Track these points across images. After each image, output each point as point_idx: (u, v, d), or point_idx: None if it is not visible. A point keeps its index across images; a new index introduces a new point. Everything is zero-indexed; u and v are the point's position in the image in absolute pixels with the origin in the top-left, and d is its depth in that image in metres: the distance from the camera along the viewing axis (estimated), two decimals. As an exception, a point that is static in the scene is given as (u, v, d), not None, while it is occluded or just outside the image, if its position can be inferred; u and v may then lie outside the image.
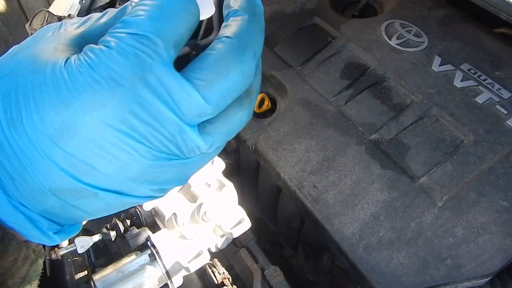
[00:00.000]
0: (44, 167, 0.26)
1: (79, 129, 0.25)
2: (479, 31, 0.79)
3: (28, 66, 0.26)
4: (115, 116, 0.25)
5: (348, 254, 0.61)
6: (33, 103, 0.25)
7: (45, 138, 0.25)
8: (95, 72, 0.24)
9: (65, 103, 0.25)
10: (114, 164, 0.26)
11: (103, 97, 0.24)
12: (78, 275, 0.74)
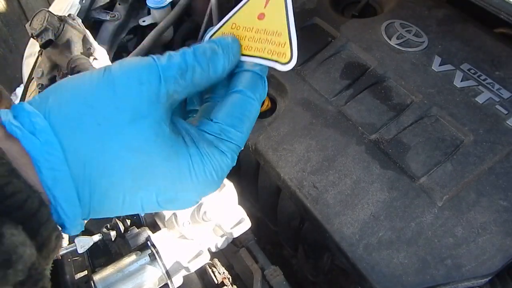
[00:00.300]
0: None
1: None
2: (479, 31, 0.79)
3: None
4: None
5: (348, 254, 0.61)
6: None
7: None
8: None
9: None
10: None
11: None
12: (78, 275, 0.74)
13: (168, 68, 0.30)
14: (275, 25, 0.35)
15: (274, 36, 0.35)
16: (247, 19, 0.36)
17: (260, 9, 0.36)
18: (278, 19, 0.35)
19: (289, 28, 0.34)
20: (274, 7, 0.35)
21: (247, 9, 0.36)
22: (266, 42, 0.35)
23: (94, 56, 1.09)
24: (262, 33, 0.35)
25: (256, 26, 0.35)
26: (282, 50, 0.34)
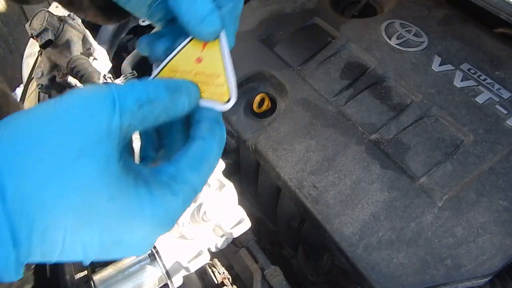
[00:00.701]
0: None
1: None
2: (479, 31, 0.79)
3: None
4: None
5: (348, 254, 0.61)
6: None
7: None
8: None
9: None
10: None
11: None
12: (78, 275, 0.74)
13: (126, 99, 0.29)
14: (213, 67, 0.36)
15: (213, 78, 0.36)
16: (185, 63, 0.37)
17: (198, 53, 0.37)
18: (215, 61, 0.37)
19: (227, 70, 0.36)
20: (211, 51, 0.37)
21: (184, 53, 0.37)
22: (206, 84, 0.36)
23: (94, 56, 1.09)
24: (201, 75, 0.36)
25: (195, 70, 0.37)
26: (221, 91, 0.36)
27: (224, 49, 0.37)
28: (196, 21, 0.35)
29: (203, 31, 0.36)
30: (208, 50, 0.37)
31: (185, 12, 0.35)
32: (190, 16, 0.35)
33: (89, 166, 0.27)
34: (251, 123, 0.78)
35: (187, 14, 0.35)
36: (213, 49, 0.37)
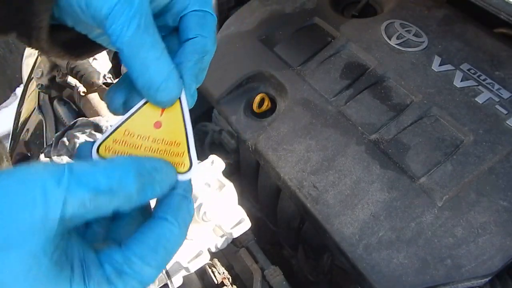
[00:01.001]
0: None
1: None
2: (479, 31, 0.79)
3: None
4: None
5: (348, 254, 0.61)
6: None
7: None
8: None
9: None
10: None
11: None
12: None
13: (79, 187, 0.24)
14: (173, 134, 0.33)
15: (172, 146, 0.33)
16: (142, 126, 0.33)
17: (156, 117, 0.34)
18: (176, 128, 0.34)
19: (187, 138, 0.33)
20: (171, 116, 0.34)
21: (141, 116, 0.34)
22: (165, 153, 0.33)
23: (94, 56, 1.09)
24: (160, 143, 0.33)
25: (153, 135, 0.33)
26: (181, 160, 0.33)
27: (184, 112, 0.34)
28: (150, 89, 0.31)
29: (159, 99, 0.32)
30: (167, 114, 0.34)
31: (137, 77, 0.31)
32: (143, 82, 0.31)
33: (13, 261, 0.23)
34: (251, 123, 0.78)
35: (140, 79, 0.31)
36: (173, 112, 0.34)
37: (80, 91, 1.05)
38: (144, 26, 0.30)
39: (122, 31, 0.29)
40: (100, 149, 0.33)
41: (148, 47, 0.30)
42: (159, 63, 0.31)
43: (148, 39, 0.30)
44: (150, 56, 0.30)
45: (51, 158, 0.92)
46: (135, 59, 0.30)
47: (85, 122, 0.96)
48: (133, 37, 0.30)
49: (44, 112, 1.11)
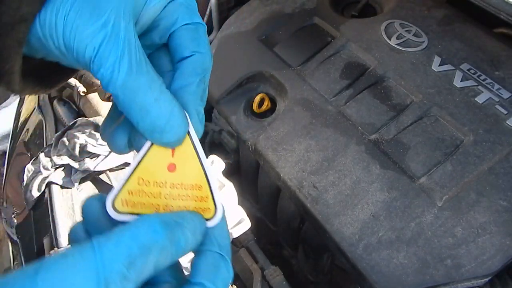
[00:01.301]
0: None
1: None
2: (479, 31, 0.79)
3: None
4: None
5: (348, 254, 0.61)
6: None
7: None
8: None
9: None
10: None
11: None
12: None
13: (113, 261, 0.23)
14: (191, 177, 0.30)
15: (194, 190, 0.30)
16: (156, 172, 0.30)
17: (168, 159, 0.30)
18: (192, 168, 0.30)
19: (208, 179, 0.30)
20: (183, 154, 0.30)
21: (152, 159, 0.30)
22: (187, 199, 0.30)
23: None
24: (179, 188, 0.30)
25: (170, 180, 0.30)
26: (206, 205, 0.30)
27: (197, 147, 0.30)
28: (154, 132, 0.28)
29: (167, 141, 0.29)
30: (181, 155, 0.30)
31: (138, 122, 0.28)
32: (145, 127, 0.28)
33: None
34: (251, 123, 0.78)
35: (141, 124, 0.28)
36: (185, 149, 0.30)
37: (80, 91, 1.05)
38: (136, 64, 0.27)
39: (113, 75, 0.26)
40: (116, 204, 0.29)
41: (145, 90, 0.27)
42: (159, 104, 0.27)
43: (143, 80, 0.27)
44: (148, 99, 0.27)
45: (51, 158, 0.92)
46: (132, 105, 0.27)
47: (85, 122, 0.96)
48: (126, 81, 0.26)
49: (44, 112, 1.11)
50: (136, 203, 0.30)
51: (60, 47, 0.26)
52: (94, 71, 0.26)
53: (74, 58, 0.26)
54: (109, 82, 0.26)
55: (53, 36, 0.26)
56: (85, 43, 0.25)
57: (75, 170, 0.91)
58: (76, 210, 0.88)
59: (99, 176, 0.93)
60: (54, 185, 0.90)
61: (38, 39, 0.26)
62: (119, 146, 0.31)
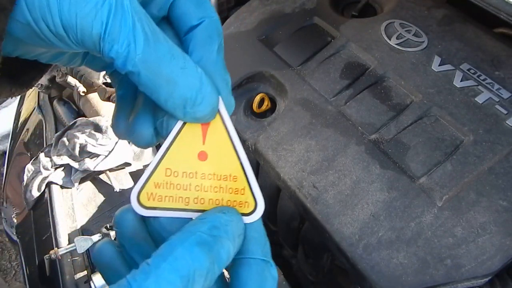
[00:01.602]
0: None
1: None
2: (479, 31, 0.79)
3: None
4: None
5: (347, 254, 0.61)
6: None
7: None
8: None
9: None
10: None
11: None
12: (78, 275, 0.74)
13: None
14: (224, 166, 0.27)
15: (228, 181, 0.27)
16: (185, 161, 0.27)
17: (198, 146, 0.27)
18: (226, 157, 0.27)
19: (244, 168, 0.27)
20: (216, 141, 0.27)
21: (180, 148, 0.27)
22: (221, 191, 0.27)
23: (94, 56, 1.09)
24: (211, 178, 0.27)
25: (201, 170, 0.27)
26: (243, 198, 0.27)
27: (233, 138, 0.27)
28: (186, 107, 0.25)
29: (200, 115, 0.26)
30: (212, 141, 0.27)
31: (166, 100, 0.25)
32: (175, 103, 0.25)
33: None
34: (251, 123, 0.78)
35: (170, 101, 0.25)
36: (220, 138, 0.27)
37: (80, 91, 1.05)
38: (151, 33, 0.23)
39: (130, 49, 0.23)
40: (141, 198, 0.27)
41: (169, 59, 0.24)
42: (187, 73, 0.24)
43: (163, 49, 0.24)
44: (174, 69, 0.24)
45: (51, 158, 0.92)
46: (157, 79, 0.24)
47: (85, 122, 0.96)
48: (146, 53, 0.23)
49: (44, 112, 1.11)
50: (163, 197, 0.27)
51: (57, 30, 0.22)
52: (105, 50, 0.23)
53: (77, 40, 0.22)
54: (127, 58, 0.23)
55: (47, 18, 0.21)
56: (90, 18, 0.21)
57: (75, 170, 0.91)
58: (76, 210, 0.88)
59: (99, 176, 0.93)
60: (54, 185, 0.90)
61: (24, 27, 0.22)
62: (145, 137, 0.28)
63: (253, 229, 0.27)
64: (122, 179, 0.91)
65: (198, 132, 0.27)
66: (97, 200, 0.89)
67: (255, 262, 0.26)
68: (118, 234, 0.28)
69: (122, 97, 0.30)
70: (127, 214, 0.28)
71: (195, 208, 0.27)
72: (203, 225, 0.24)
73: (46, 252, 0.72)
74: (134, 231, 0.28)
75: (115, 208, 0.87)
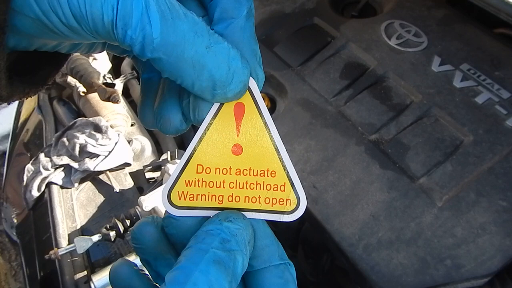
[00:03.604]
0: None
1: None
2: (479, 31, 0.79)
3: None
4: None
5: (347, 254, 0.61)
6: None
7: None
8: None
9: None
10: None
11: None
12: (78, 275, 0.74)
13: None
14: (262, 160, 0.25)
15: (266, 177, 0.25)
16: (218, 156, 0.25)
17: (232, 139, 0.25)
18: (264, 150, 0.25)
19: (283, 161, 0.25)
20: (251, 133, 0.25)
21: (211, 141, 0.25)
22: (258, 188, 0.25)
23: (94, 56, 1.09)
24: (247, 174, 0.25)
25: (236, 165, 0.25)
26: (284, 195, 0.25)
27: (271, 129, 0.26)
28: (215, 88, 0.22)
29: (231, 95, 0.23)
30: (248, 133, 0.25)
31: (193, 84, 0.22)
32: (202, 87, 0.22)
33: None
34: (251, 123, 0.78)
35: (197, 85, 0.22)
36: (256, 130, 0.25)
37: (80, 91, 1.05)
38: (169, 10, 0.20)
39: (145, 33, 0.20)
40: (172, 197, 0.25)
41: (192, 38, 0.21)
42: (214, 51, 0.21)
43: (184, 27, 0.20)
44: (200, 49, 0.21)
45: (51, 158, 0.92)
46: (181, 64, 0.21)
47: (85, 122, 0.96)
48: (165, 34, 0.20)
49: (44, 112, 1.11)
50: (195, 196, 0.25)
51: (69, 22, 0.20)
52: (120, 38, 0.20)
53: (91, 30, 0.20)
54: (144, 45, 0.20)
55: (56, 9, 0.19)
56: (99, 4, 0.19)
57: (75, 170, 0.91)
58: (76, 210, 0.88)
59: (99, 176, 0.93)
60: (54, 185, 0.90)
61: (35, 22, 0.20)
62: (174, 123, 0.25)
63: (263, 236, 0.25)
64: (122, 179, 0.91)
65: (231, 124, 0.25)
66: (97, 200, 0.89)
67: (275, 268, 0.24)
68: (139, 250, 0.26)
69: (147, 82, 0.27)
70: (146, 228, 0.26)
71: (229, 207, 0.25)
72: (212, 240, 0.22)
73: (46, 252, 0.72)
74: (158, 245, 0.26)
75: (115, 208, 0.87)
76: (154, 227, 0.26)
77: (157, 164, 0.95)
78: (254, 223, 0.25)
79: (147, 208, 0.70)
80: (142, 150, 1.00)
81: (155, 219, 0.26)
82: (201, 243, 0.22)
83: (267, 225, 0.26)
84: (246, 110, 0.25)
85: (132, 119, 1.05)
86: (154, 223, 0.26)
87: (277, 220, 0.25)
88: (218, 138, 0.25)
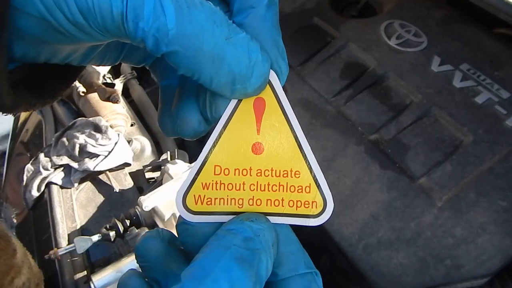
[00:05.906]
0: None
1: None
2: (479, 31, 0.79)
3: None
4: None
5: (347, 254, 0.61)
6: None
7: None
8: None
9: None
10: None
11: None
12: (78, 275, 0.74)
13: None
14: (285, 160, 0.23)
15: (289, 177, 0.23)
16: (237, 156, 0.23)
17: (252, 137, 0.23)
18: (287, 149, 0.23)
19: (308, 161, 0.23)
20: (274, 132, 0.23)
21: (229, 140, 0.23)
22: (281, 189, 0.23)
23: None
24: (269, 175, 0.23)
25: (256, 166, 0.23)
26: (309, 197, 0.23)
27: (295, 126, 0.24)
28: (235, 83, 0.21)
29: (251, 91, 0.21)
30: (267, 126, 0.23)
31: (212, 79, 0.20)
32: (221, 82, 0.20)
33: None
34: (251, 123, 0.78)
35: (215, 81, 0.20)
36: (279, 127, 0.23)
37: (79, 91, 1.05)
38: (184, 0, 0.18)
39: (159, 25, 0.18)
40: (188, 201, 0.23)
41: (210, 29, 0.19)
42: (233, 43, 0.20)
43: (201, 16, 0.19)
44: (219, 41, 0.19)
45: (51, 158, 0.92)
46: (200, 57, 0.19)
47: (85, 122, 0.96)
48: (181, 25, 0.18)
49: (44, 112, 1.11)
50: (213, 199, 0.23)
51: (75, 18, 0.18)
52: (132, 32, 0.18)
53: (99, 26, 0.18)
54: (158, 38, 0.18)
55: (62, 4, 0.17)
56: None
57: (74, 170, 0.91)
58: (76, 210, 0.88)
59: (99, 176, 0.93)
60: (54, 185, 0.90)
61: (39, 22, 0.18)
62: (192, 124, 0.23)
63: (288, 242, 0.23)
64: (122, 179, 0.91)
65: (251, 121, 0.23)
66: (97, 200, 0.89)
67: (301, 277, 0.22)
68: (145, 269, 0.24)
69: (166, 89, 0.26)
70: (151, 242, 0.24)
71: (250, 211, 0.23)
72: (234, 237, 0.20)
73: (46, 253, 0.72)
74: (166, 260, 0.23)
75: (115, 208, 0.87)
76: (160, 241, 0.24)
77: (157, 164, 0.95)
78: (277, 228, 0.23)
79: (147, 208, 0.70)
80: (142, 150, 1.00)
81: (160, 233, 0.24)
82: (221, 240, 0.20)
83: (291, 230, 0.24)
84: (267, 106, 0.23)
85: (132, 119, 1.05)
86: (159, 237, 0.24)
87: (302, 224, 0.23)
88: (237, 136, 0.23)
